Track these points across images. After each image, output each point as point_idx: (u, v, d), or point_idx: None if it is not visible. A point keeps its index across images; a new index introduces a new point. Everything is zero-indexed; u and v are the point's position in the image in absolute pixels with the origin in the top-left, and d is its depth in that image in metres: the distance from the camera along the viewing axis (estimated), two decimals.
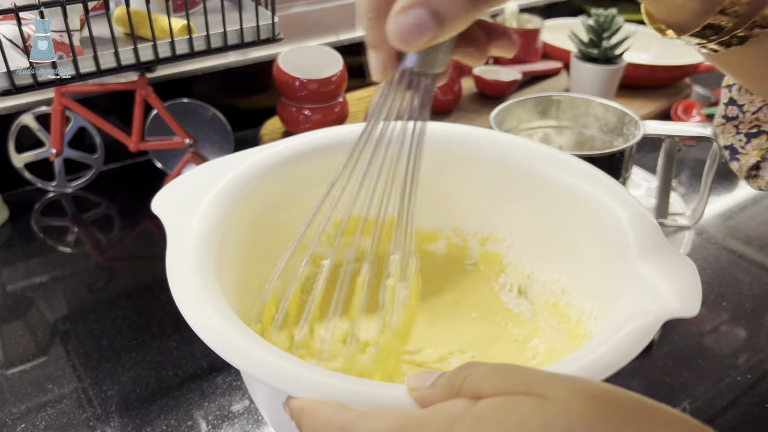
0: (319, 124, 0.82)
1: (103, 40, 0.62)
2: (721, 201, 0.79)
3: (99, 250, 0.71)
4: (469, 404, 0.24)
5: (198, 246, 0.38)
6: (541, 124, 0.71)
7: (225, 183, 0.43)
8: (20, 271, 0.67)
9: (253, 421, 0.50)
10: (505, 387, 0.25)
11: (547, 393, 0.24)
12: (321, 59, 0.83)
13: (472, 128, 0.51)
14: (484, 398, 0.25)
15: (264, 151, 0.47)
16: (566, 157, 0.47)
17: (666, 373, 0.54)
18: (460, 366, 0.27)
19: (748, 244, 0.71)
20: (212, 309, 0.33)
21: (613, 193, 0.43)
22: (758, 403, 0.52)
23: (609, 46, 0.89)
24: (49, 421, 0.50)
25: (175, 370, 0.54)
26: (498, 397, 0.24)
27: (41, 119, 0.76)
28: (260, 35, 0.68)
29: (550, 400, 0.23)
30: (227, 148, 0.83)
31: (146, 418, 0.50)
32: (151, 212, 0.41)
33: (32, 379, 0.54)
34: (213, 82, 0.88)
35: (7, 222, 0.74)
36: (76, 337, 0.58)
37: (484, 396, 0.25)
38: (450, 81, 0.87)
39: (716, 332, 0.59)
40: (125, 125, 0.77)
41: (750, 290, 0.64)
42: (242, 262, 0.44)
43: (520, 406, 0.23)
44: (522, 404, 0.23)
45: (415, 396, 0.28)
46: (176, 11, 0.72)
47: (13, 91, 0.57)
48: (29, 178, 0.78)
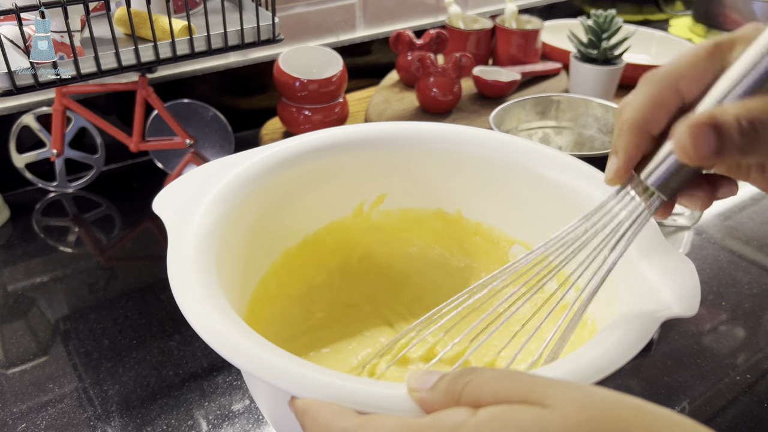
0: (320, 125, 0.82)
1: (103, 41, 0.62)
2: (721, 201, 0.79)
3: (100, 250, 0.71)
4: (468, 414, 0.25)
5: (199, 245, 0.38)
6: (541, 125, 0.71)
7: (226, 183, 0.44)
8: (21, 271, 0.67)
9: (254, 421, 0.50)
10: (504, 395, 0.25)
11: (545, 402, 0.24)
12: (321, 60, 0.83)
13: (472, 128, 0.51)
14: (484, 406, 0.25)
15: (264, 151, 0.47)
16: (566, 158, 0.47)
17: (665, 373, 0.55)
18: (461, 371, 0.27)
19: (747, 244, 0.71)
20: (213, 308, 0.33)
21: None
22: (757, 403, 0.52)
23: (608, 46, 0.89)
24: (50, 421, 0.50)
25: (176, 369, 0.54)
26: (497, 406, 0.24)
27: (42, 119, 0.77)
28: (261, 36, 0.68)
29: (548, 409, 0.23)
30: (228, 149, 0.83)
31: (147, 417, 0.50)
32: (151, 212, 0.41)
33: (33, 379, 0.54)
34: (213, 82, 0.88)
35: (8, 222, 0.74)
36: (76, 337, 0.58)
37: (484, 404, 0.25)
38: (450, 81, 0.88)
39: (715, 332, 0.59)
40: (126, 125, 0.77)
41: (749, 290, 0.64)
42: (243, 261, 0.44)
43: (519, 417, 0.24)
44: (520, 414, 0.24)
45: (415, 397, 0.28)
46: (177, 12, 0.72)
47: (14, 91, 0.58)
48: (30, 178, 0.78)
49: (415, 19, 1.06)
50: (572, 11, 1.22)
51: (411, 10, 1.05)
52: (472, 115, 0.90)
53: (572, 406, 0.23)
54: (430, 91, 0.88)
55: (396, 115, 0.90)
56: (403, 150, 0.50)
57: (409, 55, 0.94)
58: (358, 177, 0.51)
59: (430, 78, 0.88)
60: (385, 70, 1.02)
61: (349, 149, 0.49)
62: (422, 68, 0.88)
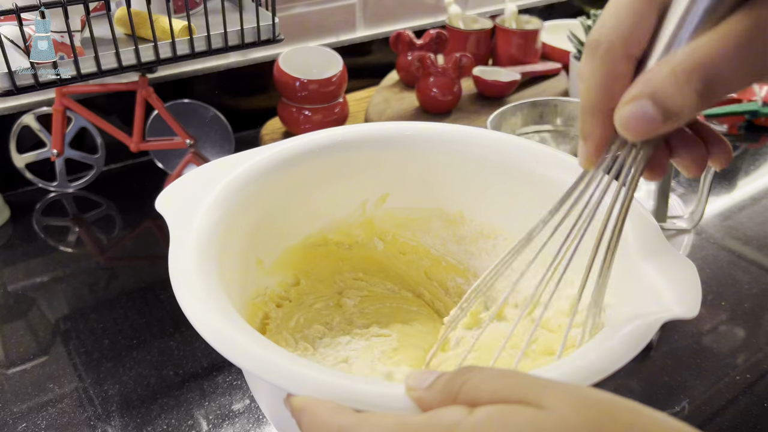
0: (320, 125, 0.82)
1: (104, 41, 0.62)
2: (720, 201, 0.79)
3: (100, 250, 0.71)
4: (465, 413, 0.24)
5: (200, 244, 0.38)
6: (538, 129, 0.71)
7: (227, 183, 0.44)
8: (21, 271, 0.67)
9: (254, 420, 0.50)
10: (501, 395, 0.25)
11: (542, 403, 0.24)
12: (321, 60, 0.83)
13: (472, 128, 0.51)
14: (481, 406, 0.25)
15: (265, 151, 0.47)
16: (566, 158, 0.47)
17: (665, 373, 0.55)
18: (459, 370, 0.27)
19: (746, 244, 0.71)
20: (214, 307, 0.33)
21: None
22: (757, 403, 0.52)
23: None
24: (50, 421, 0.50)
25: (176, 369, 0.54)
26: (493, 405, 0.24)
27: (42, 119, 0.77)
28: (261, 36, 0.68)
29: (544, 410, 0.23)
30: (228, 149, 0.83)
31: (147, 417, 0.50)
32: (152, 212, 0.41)
33: (33, 379, 0.54)
34: (214, 82, 0.88)
35: (9, 222, 0.74)
36: (77, 337, 0.58)
37: (481, 403, 0.25)
38: (450, 81, 0.88)
39: (715, 332, 0.59)
40: (126, 125, 0.77)
41: (749, 290, 0.64)
42: (244, 261, 0.44)
43: (515, 418, 0.23)
44: (516, 415, 0.24)
45: (412, 396, 0.28)
46: (177, 12, 0.72)
47: (14, 91, 0.58)
48: (30, 178, 0.78)
49: (415, 19, 1.06)
50: (572, 11, 1.22)
51: (411, 10, 1.05)
52: (472, 115, 0.90)
53: (569, 408, 0.23)
54: (430, 91, 0.88)
55: (396, 115, 0.90)
56: (403, 150, 0.50)
57: (409, 55, 0.94)
58: (359, 177, 0.51)
59: (430, 78, 0.88)
60: (385, 70, 1.02)
61: (350, 149, 0.50)
62: (422, 68, 0.88)
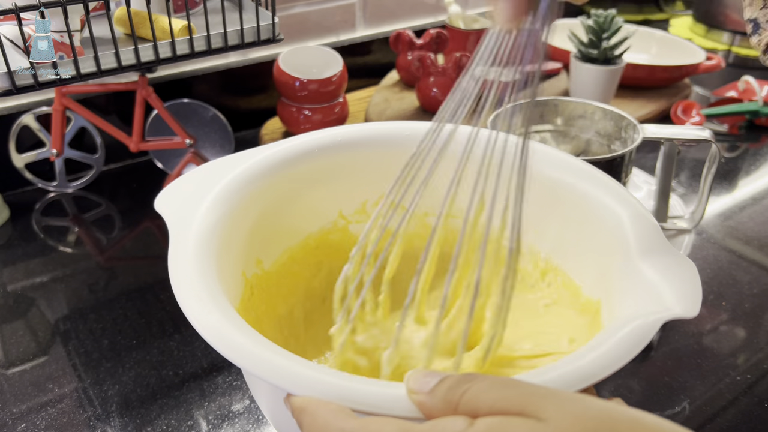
0: (320, 125, 0.82)
1: (103, 41, 0.62)
2: (721, 201, 0.79)
3: (99, 250, 0.71)
4: (465, 424, 0.25)
5: (200, 244, 0.38)
6: (539, 129, 0.71)
7: (227, 182, 0.44)
8: (21, 271, 0.67)
9: (254, 421, 0.50)
10: (501, 406, 0.25)
11: (541, 415, 0.24)
12: (321, 59, 0.83)
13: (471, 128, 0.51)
14: (481, 417, 0.25)
15: (265, 151, 0.47)
16: (567, 158, 0.47)
17: (666, 373, 0.55)
18: (460, 377, 0.27)
19: (747, 244, 0.71)
20: (213, 307, 0.33)
21: (614, 193, 0.43)
22: (758, 403, 0.52)
23: (608, 46, 0.89)
24: (50, 421, 0.50)
25: (176, 369, 0.54)
26: (494, 417, 0.25)
27: (42, 119, 0.76)
28: (260, 36, 0.68)
29: (543, 423, 0.23)
30: (228, 149, 0.83)
31: (147, 417, 0.50)
32: (151, 212, 0.41)
33: (33, 379, 0.54)
34: (213, 82, 0.88)
35: (8, 222, 0.74)
36: (76, 337, 0.58)
37: (481, 414, 0.25)
38: (450, 81, 0.88)
39: (716, 332, 0.59)
40: (126, 125, 0.77)
41: (749, 290, 0.64)
42: (243, 261, 0.44)
43: (514, 430, 0.24)
44: (516, 428, 0.24)
45: (414, 400, 0.28)
46: (177, 12, 0.72)
47: (13, 91, 0.58)
48: (30, 178, 0.78)
49: (415, 19, 1.06)
50: (572, 11, 1.22)
51: (411, 10, 1.05)
52: (472, 115, 0.90)
53: (568, 420, 0.23)
54: (430, 91, 0.88)
55: (396, 115, 0.90)
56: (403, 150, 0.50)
57: (409, 54, 0.94)
58: (359, 177, 0.51)
59: (430, 78, 0.88)
60: (385, 70, 1.02)
61: (350, 149, 0.49)
62: (422, 68, 0.88)
